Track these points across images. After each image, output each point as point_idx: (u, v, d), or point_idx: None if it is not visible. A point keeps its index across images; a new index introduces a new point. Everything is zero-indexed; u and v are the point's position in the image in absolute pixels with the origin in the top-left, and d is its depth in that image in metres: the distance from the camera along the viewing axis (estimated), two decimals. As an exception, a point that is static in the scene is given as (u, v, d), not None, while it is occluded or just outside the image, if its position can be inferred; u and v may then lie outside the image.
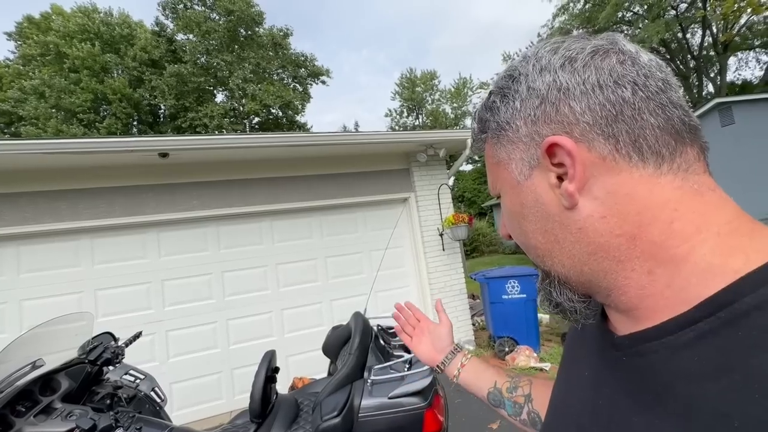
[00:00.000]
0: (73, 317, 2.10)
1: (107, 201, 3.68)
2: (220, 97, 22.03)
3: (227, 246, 4.15)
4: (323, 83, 23.70)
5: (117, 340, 2.10)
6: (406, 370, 1.80)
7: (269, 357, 1.88)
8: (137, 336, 2.22)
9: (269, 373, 1.83)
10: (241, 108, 21.04)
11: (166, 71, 18.95)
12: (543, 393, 0.66)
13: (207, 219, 4.07)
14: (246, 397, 1.83)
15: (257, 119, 22.03)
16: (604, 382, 0.40)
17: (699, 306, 0.31)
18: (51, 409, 1.57)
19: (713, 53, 18.98)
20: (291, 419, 1.82)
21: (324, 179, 4.51)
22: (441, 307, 0.95)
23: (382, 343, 2.09)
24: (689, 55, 19.81)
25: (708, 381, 0.29)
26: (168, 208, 3.86)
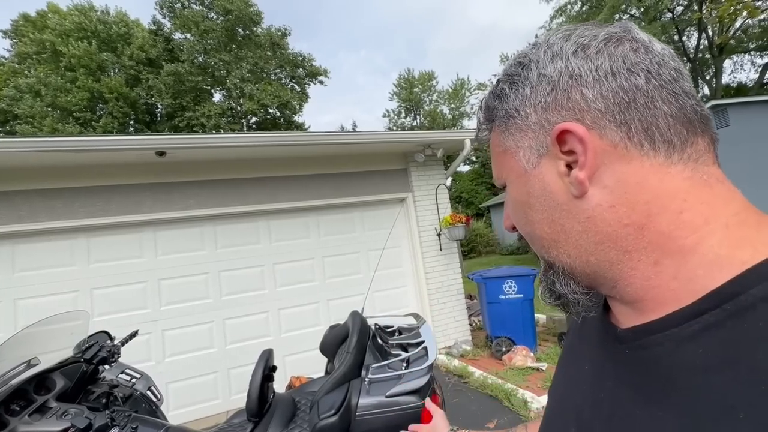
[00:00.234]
0: (69, 316, 2.09)
1: (103, 199, 3.65)
2: (217, 97, 21.99)
3: (224, 245, 4.13)
4: (321, 83, 23.71)
5: (113, 339, 2.09)
6: (403, 368, 1.80)
7: (266, 356, 1.87)
8: (133, 335, 2.20)
9: (266, 372, 1.83)
10: (239, 108, 21.00)
11: (163, 70, 18.88)
12: None
13: (204, 218, 4.05)
14: (243, 397, 1.82)
15: (255, 119, 21.98)
16: (606, 375, 0.40)
17: (705, 298, 0.31)
18: (46, 408, 1.56)
19: (709, 56, 19.13)
20: (288, 418, 1.81)
21: (321, 179, 4.50)
22: (432, 405, 0.98)
23: (379, 342, 2.08)
24: (685, 58, 19.91)
25: (713, 373, 0.29)
26: (165, 207, 3.84)
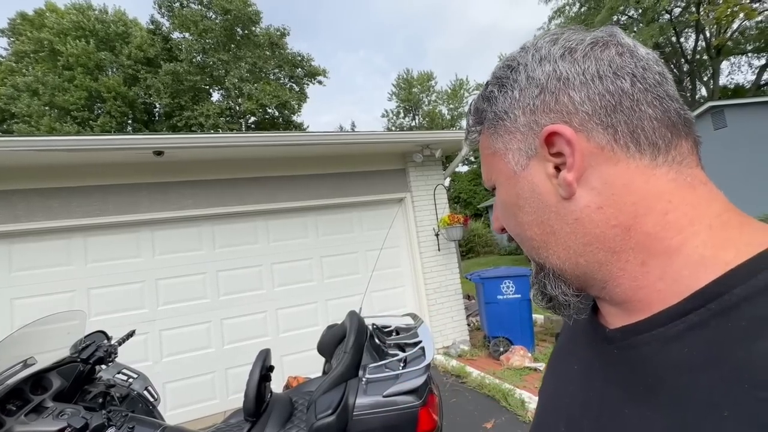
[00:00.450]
0: (66, 316, 2.09)
1: (100, 199, 3.64)
2: (216, 96, 21.94)
3: (222, 245, 4.12)
4: (320, 83, 23.68)
5: (110, 338, 2.08)
6: (400, 368, 1.80)
7: (264, 356, 1.87)
8: (130, 335, 2.20)
9: (264, 372, 1.83)
10: (237, 107, 20.96)
11: (161, 70, 18.83)
12: None
13: (202, 218, 4.04)
14: (240, 398, 1.82)
15: (253, 119, 21.95)
16: (595, 375, 0.40)
17: (690, 298, 0.31)
18: (42, 408, 1.56)
19: (706, 57, 19.22)
20: (285, 418, 1.81)
21: (320, 179, 4.50)
22: None
23: (377, 342, 2.09)
24: (683, 59, 20.03)
25: (698, 372, 0.29)
26: (162, 206, 3.83)
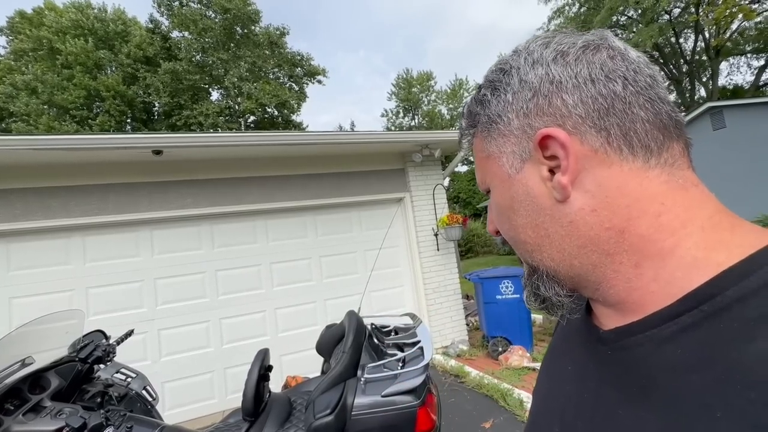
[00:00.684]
0: (64, 315, 2.08)
1: (99, 198, 3.64)
2: (215, 96, 21.89)
3: (221, 245, 4.12)
4: (319, 82, 23.66)
5: (108, 338, 2.08)
6: (399, 368, 1.80)
7: (262, 355, 1.88)
8: (129, 334, 2.20)
9: (262, 372, 1.83)
10: (237, 107, 20.93)
11: (160, 68, 18.78)
12: None
13: (201, 217, 4.04)
14: (239, 397, 1.82)
15: (253, 118, 21.92)
16: (589, 376, 0.40)
17: (683, 299, 0.31)
18: (40, 408, 1.56)
19: (705, 58, 19.25)
20: (284, 418, 1.82)
21: (319, 178, 4.50)
22: None
23: (375, 342, 2.09)
24: (682, 60, 20.06)
25: (691, 373, 0.29)
26: (161, 206, 3.83)
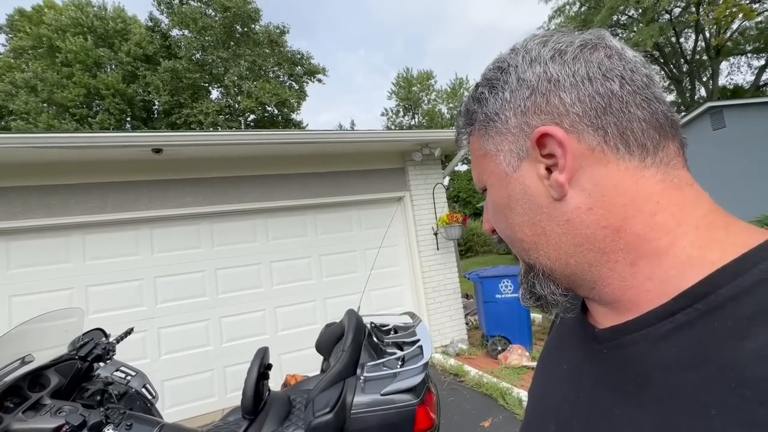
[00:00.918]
0: (64, 313, 2.09)
1: (99, 197, 3.64)
2: (215, 94, 21.84)
3: (221, 243, 4.12)
4: (319, 81, 23.60)
5: (108, 336, 2.09)
6: (398, 367, 1.81)
7: (262, 354, 1.88)
8: (128, 332, 2.21)
9: (262, 370, 1.83)
10: (237, 105, 20.88)
11: (160, 67, 18.73)
12: None
13: (201, 216, 4.04)
14: (238, 395, 1.82)
15: (252, 117, 21.88)
16: (584, 374, 0.41)
17: (678, 298, 0.32)
18: (40, 405, 1.56)
19: (706, 57, 19.22)
20: (283, 416, 1.82)
21: (319, 177, 4.50)
22: None
23: (375, 341, 2.09)
24: (682, 59, 20.03)
25: (686, 371, 0.30)
26: (161, 204, 3.83)
